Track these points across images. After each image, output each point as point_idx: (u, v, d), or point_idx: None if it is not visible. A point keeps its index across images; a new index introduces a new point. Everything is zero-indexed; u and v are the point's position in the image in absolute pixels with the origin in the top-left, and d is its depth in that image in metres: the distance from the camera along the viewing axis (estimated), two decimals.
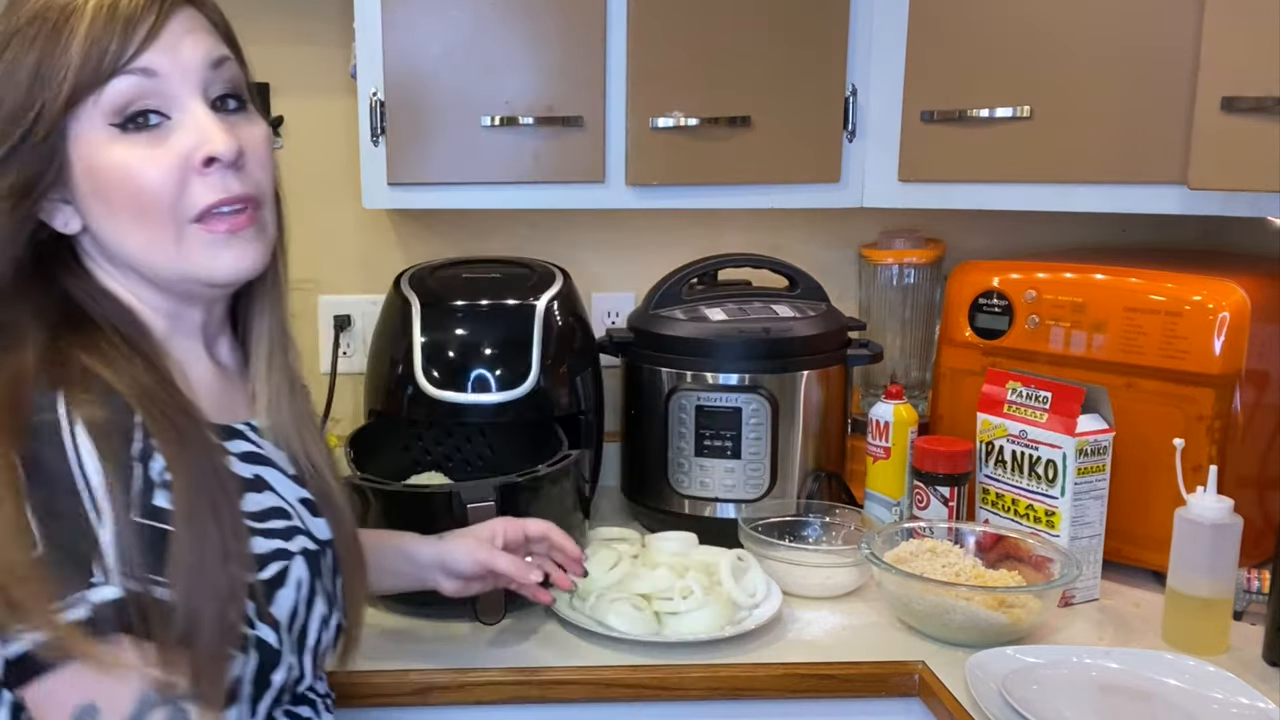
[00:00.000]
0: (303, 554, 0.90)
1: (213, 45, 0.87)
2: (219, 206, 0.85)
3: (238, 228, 0.86)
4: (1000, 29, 1.46)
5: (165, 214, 0.84)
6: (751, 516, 1.51)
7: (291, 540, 0.90)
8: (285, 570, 0.88)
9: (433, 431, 1.61)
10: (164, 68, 0.83)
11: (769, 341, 1.54)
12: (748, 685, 1.25)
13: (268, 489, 0.91)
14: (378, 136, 1.53)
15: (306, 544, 0.92)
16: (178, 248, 0.85)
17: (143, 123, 0.83)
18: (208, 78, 0.86)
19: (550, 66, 1.53)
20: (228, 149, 0.84)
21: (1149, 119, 1.36)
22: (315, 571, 0.91)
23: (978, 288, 1.57)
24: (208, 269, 0.87)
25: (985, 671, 1.18)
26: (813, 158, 1.58)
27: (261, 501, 0.90)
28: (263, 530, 0.88)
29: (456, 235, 1.87)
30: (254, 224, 0.87)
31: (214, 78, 0.86)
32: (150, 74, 0.83)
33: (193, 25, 0.86)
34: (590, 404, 1.61)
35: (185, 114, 0.84)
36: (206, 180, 0.84)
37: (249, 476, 0.89)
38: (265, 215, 0.89)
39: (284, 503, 0.92)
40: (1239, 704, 1.13)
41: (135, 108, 0.83)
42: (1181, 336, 1.37)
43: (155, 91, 0.83)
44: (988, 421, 1.46)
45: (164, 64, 0.83)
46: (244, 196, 0.86)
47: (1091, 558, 1.40)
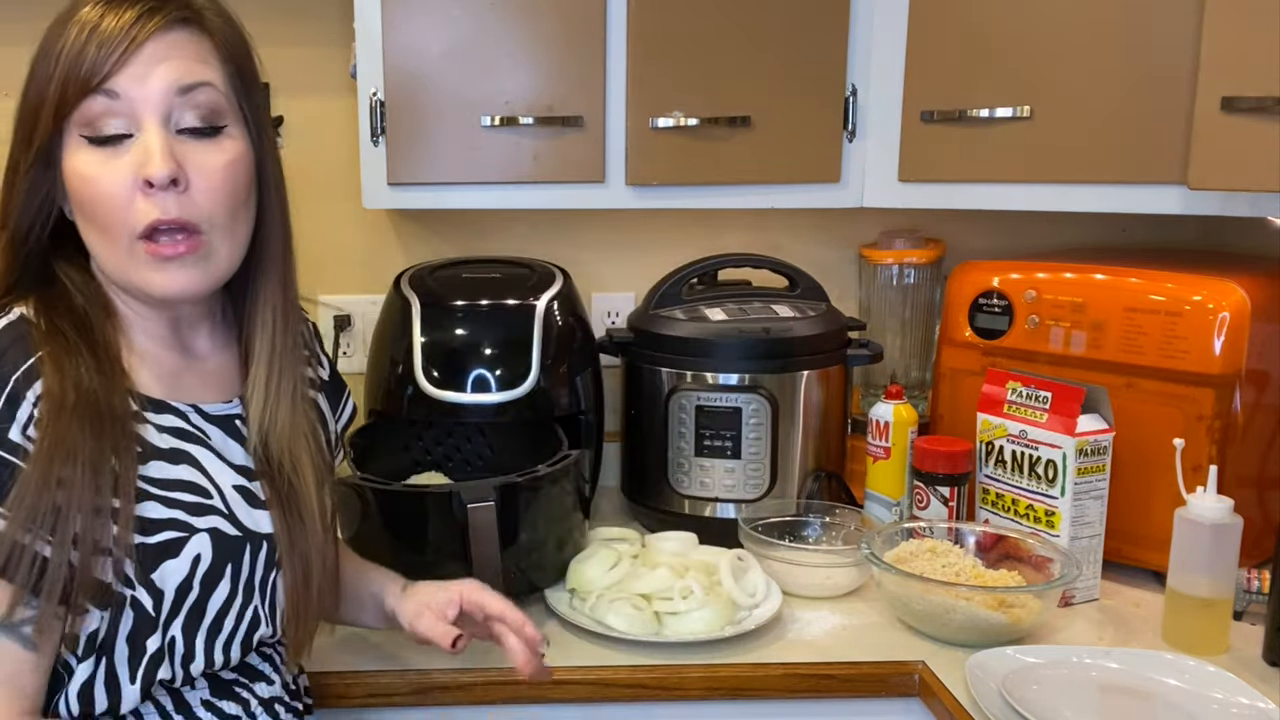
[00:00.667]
0: (211, 534, 0.93)
1: (188, 71, 0.90)
2: (158, 226, 0.90)
3: (176, 254, 0.91)
4: (1000, 29, 1.46)
5: (117, 226, 0.90)
6: (751, 516, 1.51)
7: (199, 516, 0.93)
8: (179, 542, 0.91)
9: (433, 431, 1.61)
10: (129, 91, 0.89)
11: (769, 341, 1.54)
12: (748, 685, 1.25)
13: (187, 463, 0.94)
14: (378, 136, 1.54)
15: (221, 526, 0.94)
16: (126, 259, 0.92)
17: (108, 137, 0.90)
18: (173, 103, 0.90)
19: (550, 66, 1.53)
20: (160, 174, 0.88)
21: (1149, 119, 1.36)
22: (227, 557, 0.94)
23: (978, 288, 1.57)
24: (145, 285, 0.93)
25: (985, 671, 1.18)
26: (813, 158, 1.58)
27: (173, 472, 0.93)
28: (161, 497, 0.92)
29: (456, 235, 1.87)
30: (194, 251, 0.91)
31: (181, 103, 0.90)
32: (114, 96, 0.89)
33: (172, 51, 0.90)
34: (590, 404, 1.61)
35: (143, 134, 0.90)
36: (149, 199, 0.90)
37: (165, 448, 0.94)
38: (213, 240, 0.93)
39: (207, 482, 0.95)
40: (1239, 704, 1.13)
41: (101, 123, 0.90)
42: (1181, 336, 1.37)
43: (121, 111, 0.89)
44: (988, 421, 1.46)
45: (129, 88, 0.89)
46: (180, 222, 0.90)
47: (1091, 558, 1.40)
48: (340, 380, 1.20)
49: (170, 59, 0.90)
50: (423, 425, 1.60)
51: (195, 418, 0.98)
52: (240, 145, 0.94)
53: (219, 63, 0.93)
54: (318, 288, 1.85)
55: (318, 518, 1.01)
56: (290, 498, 0.99)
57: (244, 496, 0.97)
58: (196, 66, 0.91)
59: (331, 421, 1.15)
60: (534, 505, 1.33)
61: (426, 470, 1.60)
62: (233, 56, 0.94)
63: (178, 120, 0.90)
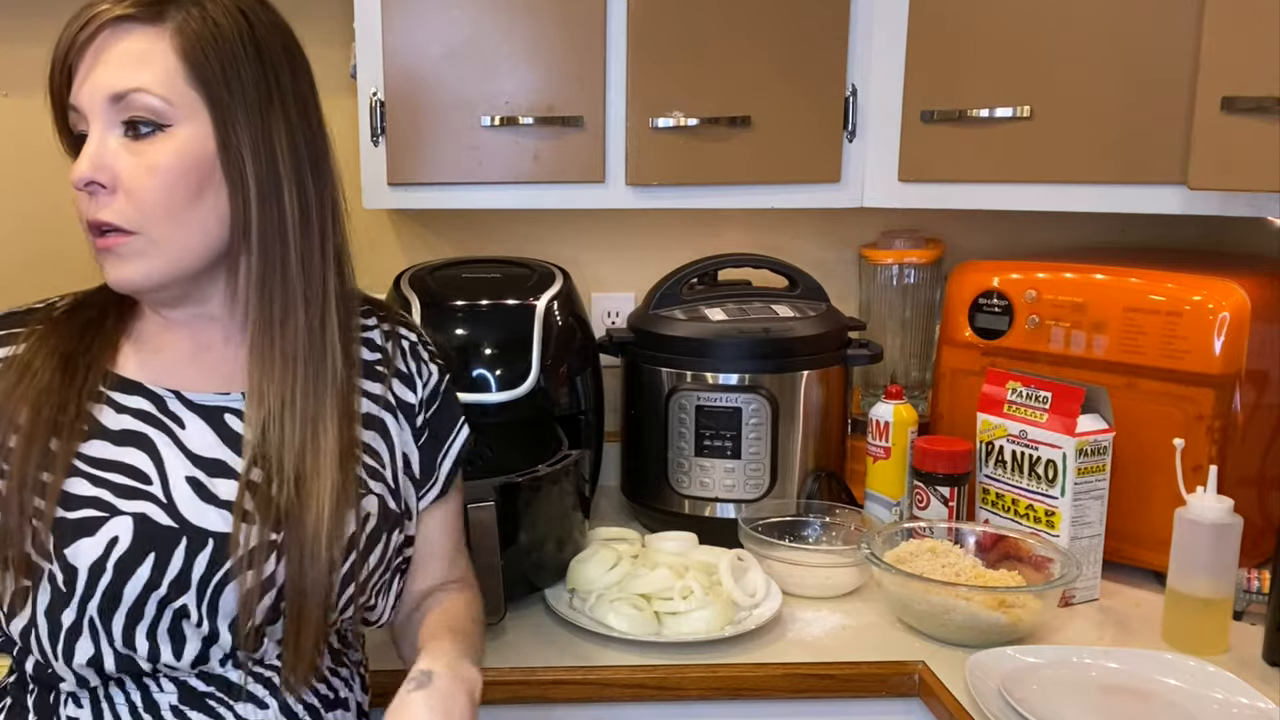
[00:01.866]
0: (135, 518, 0.91)
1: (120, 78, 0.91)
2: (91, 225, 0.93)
3: (106, 246, 0.94)
4: (1000, 29, 1.46)
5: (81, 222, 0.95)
6: (751, 516, 1.51)
7: (127, 500, 0.92)
8: (96, 521, 0.91)
9: None
10: (79, 100, 0.93)
11: (769, 341, 1.54)
12: (748, 685, 1.25)
13: (133, 446, 0.95)
14: (378, 136, 1.54)
15: (151, 513, 0.92)
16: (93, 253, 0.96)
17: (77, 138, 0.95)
18: (107, 108, 0.92)
19: (550, 66, 1.53)
20: (76, 178, 0.92)
21: (1149, 119, 1.36)
22: (151, 545, 0.91)
23: (978, 288, 1.57)
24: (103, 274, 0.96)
25: (985, 671, 1.18)
26: (813, 158, 1.58)
27: (114, 453, 0.94)
28: (90, 475, 0.92)
29: (456, 235, 1.87)
30: (123, 244, 0.93)
31: (117, 109, 0.92)
32: (75, 108, 0.94)
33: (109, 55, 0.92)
34: (590, 404, 1.61)
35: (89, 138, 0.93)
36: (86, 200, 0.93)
37: (115, 429, 0.95)
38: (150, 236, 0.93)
39: (153, 468, 0.94)
40: (1239, 704, 1.13)
41: (76, 128, 0.95)
42: (1181, 336, 1.38)
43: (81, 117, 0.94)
44: (988, 421, 1.46)
45: (81, 98, 0.93)
46: (104, 224, 0.92)
47: (1091, 558, 1.40)
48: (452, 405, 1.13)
49: (106, 64, 0.91)
50: None
51: (172, 403, 0.97)
52: (183, 144, 0.91)
53: (170, 58, 0.91)
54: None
55: (324, 541, 0.93)
56: (288, 511, 0.93)
57: (195, 490, 0.94)
58: (131, 70, 0.91)
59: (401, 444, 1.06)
60: (534, 505, 1.33)
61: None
62: (194, 48, 0.91)
63: (118, 123, 0.92)
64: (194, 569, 0.92)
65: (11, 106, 1.78)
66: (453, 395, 1.15)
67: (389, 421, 1.06)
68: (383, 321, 1.10)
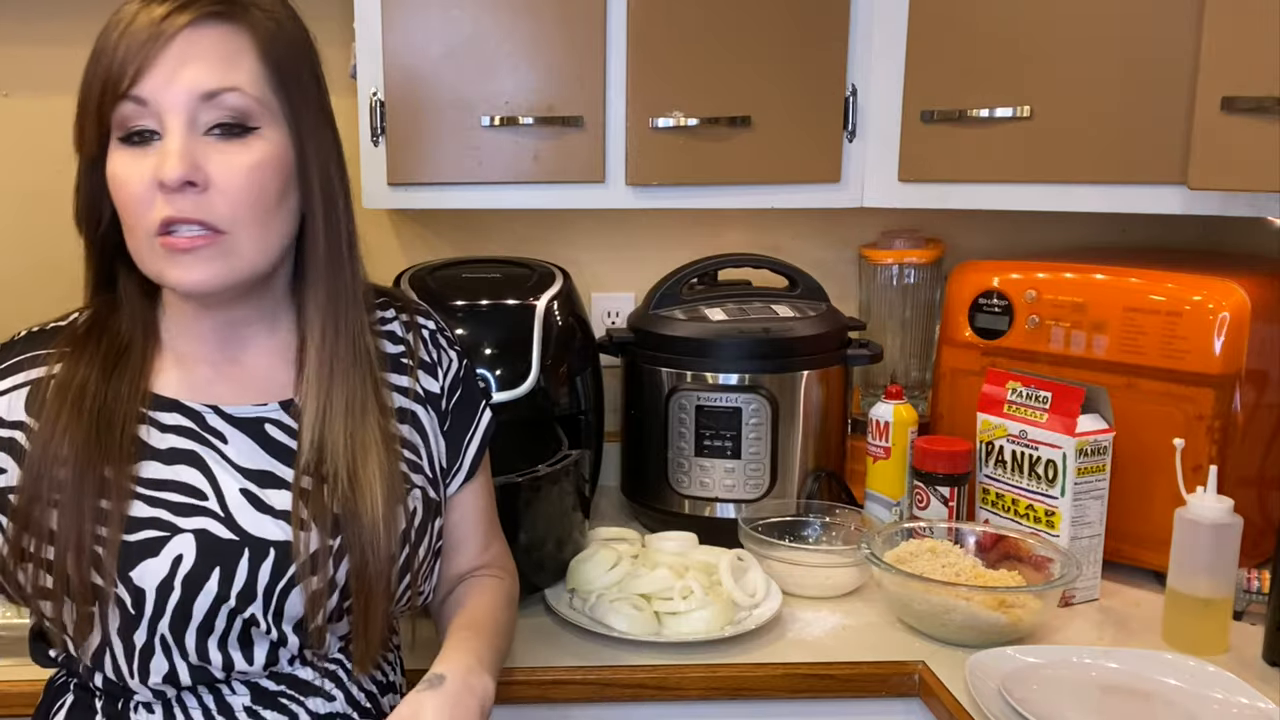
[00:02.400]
0: (197, 535, 0.92)
1: (213, 76, 0.89)
2: (172, 224, 0.90)
3: (187, 247, 0.90)
4: (1000, 29, 1.46)
5: (140, 223, 0.91)
6: (751, 516, 1.51)
7: (186, 517, 0.92)
8: (159, 541, 0.91)
9: None
10: (154, 96, 0.89)
11: (769, 341, 1.54)
12: (748, 685, 1.25)
13: (184, 464, 0.94)
14: (378, 136, 1.54)
15: (211, 528, 0.92)
16: (150, 255, 0.92)
17: (137, 139, 0.90)
18: (198, 106, 0.89)
19: (550, 66, 1.53)
20: (172, 177, 0.88)
21: (1149, 119, 1.36)
22: (215, 559, 0.92)
23: (978, 288, 1.57)
24: (162, 275, 0.93)
25: (985, 671, 1.18)
26: (813, 158, 1.58)
27: (166, 472, 0.93)
28: (146, 497, 0.92)
29: (456, 235, 1.87)
30: (211, 245, 0.91)
31: (206, 107, 0.90)
32: (140, 101, 0.89)
33: (199, 52, 0.89)
34: (590, 404, 1.61)
35: (167, 135, 0.89)
36: (166, 199, 0.89)
37: (162, 448, 0.94)
38: (237, 238, 0.91)
39: (206, 483, 0.94)
40: (1239, 704, 1.13)
41: (132, 125, 0.90)
42: (1181, 336, 1.38)
43: (148, 114, 0.89)
44: (988, 421, 1.46)
45: (155, 92, 0.89)
46: (195, 220, 0.90)
47: (1091, 558, 1.40)
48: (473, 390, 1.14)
49: (196, 60, 0.89)
50: None
51: (212, 418, 0.97)
52: (272, 146, 0.92)
53: (254, 60, 0.91)
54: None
55: (382, 534, 0.95)
56: (348, 503, 0.95)
57: (250, 501, 0.95)
58: (222, 69, 0.89)
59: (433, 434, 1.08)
60: (534, 505, 1.33)
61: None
62: (272, 52, 0.92)
63: (204, 122, 0.90)
64: (259, 579, 0.93)
65: (11, 106, 1.78)
66: (474, 380, 1.16)
67: (420, 414, 1.07)
68: (401, 312, 1.11)
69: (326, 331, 0.98)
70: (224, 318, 0.99)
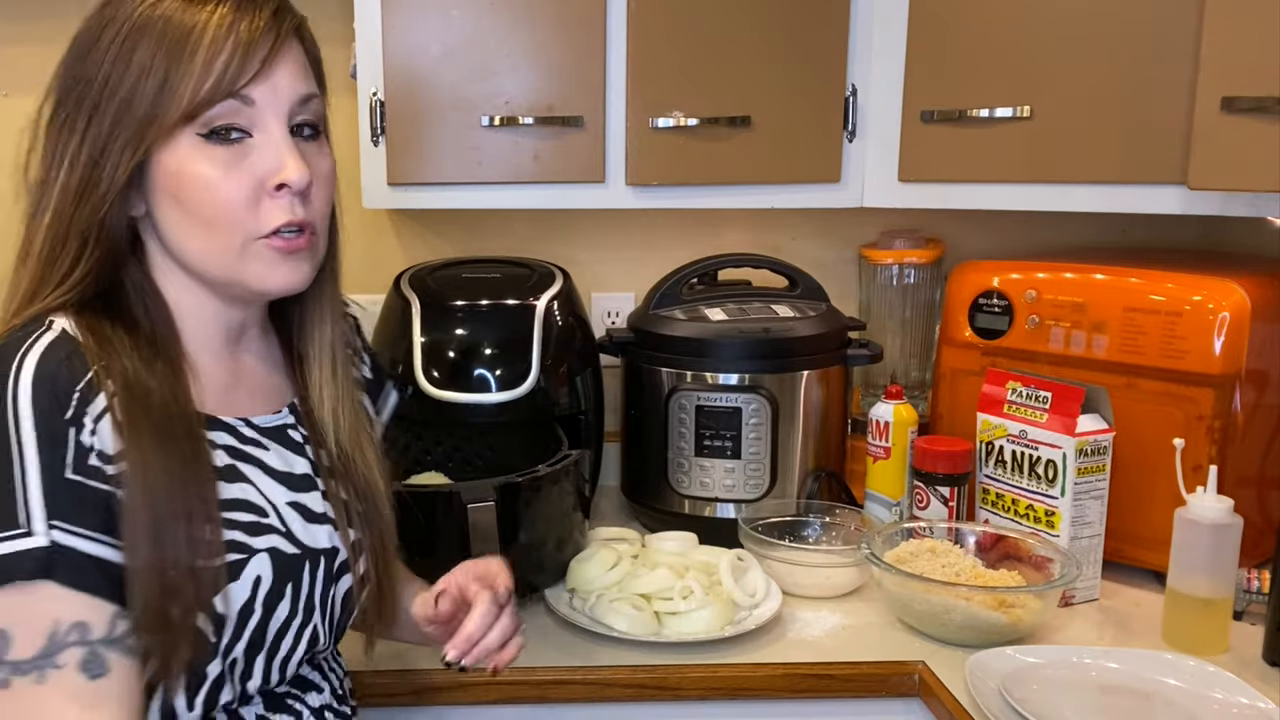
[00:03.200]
0: (270, 553, 0.91)
1: (306, 83, 0.93)
2: (284, 229, 0.90)
3: (296, 249, 0.91)
4: (1000, 29, 1.46)
5: (234, 227, 0.89)
6: (751, 516, 1.51)
7: (258, 536, 0.91)
8: (239, 565, 0.89)
9: (433, 431, 1.61)
10: (262, 98, 0.89)
11: (769, 341, 1.54)
12: (748, 685, 1.25)
13: (242, 481, 0.93)
14: (378, 136, 1.54)
15: (280, 545, 0.92)
16: (239, 259, 0.90)
17: (225, 136, 0.88)
18: (294, 110, 0.92)
19: (550, 66, 1.53)
20: (299, 179, 0.89)
21: (1149, 119, 1.36)
22: (288, 576, 0.92)
23: (978, 288, 1.57)
24: (261, 280, 0.92)
25: (985, 671, 1.18)
26: (813, 158, 1.58)
27: (230, 491, 0.92)
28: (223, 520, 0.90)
29: (456, 235, 1.87)
30: (309, 247, 0.93)
31: (300, 110, 0.92)
32: (249, 101, 0.88)
33: (295, 60, 0.92)
34: (590, 404, 1.61)
35: (266, 136, 0.89)
36: (277, 203, 0.90)
37: (221, 465, 0.92)
38: (319, 240, 0.95)
39: (263, 500, 0.93)
40: (1239, 704, 1.13)
41: (220, 122, 0.88)
42: (1181, 336, 1.37)
43: (249, 114, 0.89)
44: (988, 421, 1.46)
45: (263, 94, 0.89)
46: (305, 223, 0.91)
47: (1091, 558, 1.40)
48: (382, 373, 1.19)
49: (293, 67, 0.91)
50: (423, 425, 1.60)
51: (247, 431, 0.96)
52: (332, 153, 0.98)
53: (314, 73, 0.96)
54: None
55: (390, 520, 1.04)
56: (366, 492, 1.01)
57: (299, 513, 0.95)
58: (309, 77, 0.94)
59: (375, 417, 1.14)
60: (534, 505, 1.33)
61: (427, 470, 1.60)
62: (317, 66, 0.97)
63: (293, 125, 0.92)
64: (316, 590, 0.95)
65: (12, 106, 1.78)
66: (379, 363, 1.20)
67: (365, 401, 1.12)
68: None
69: (332, 334, 1.02)
70: (235, 322, 0.98)
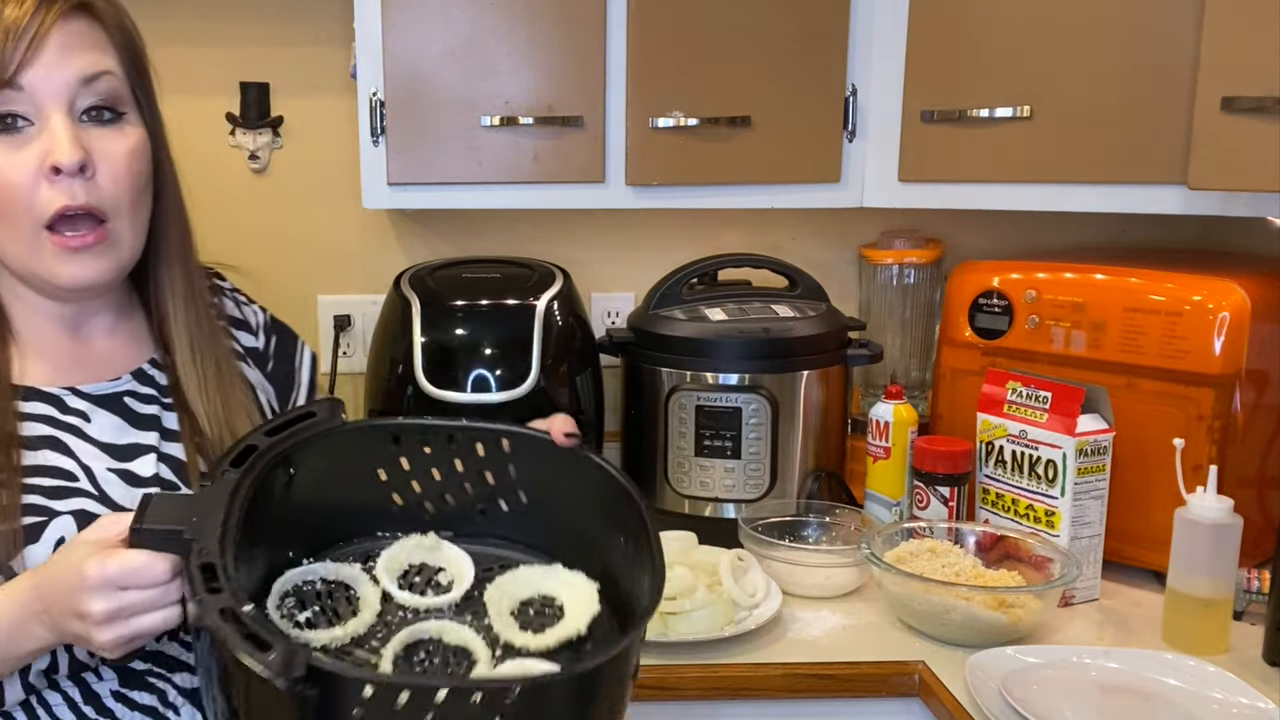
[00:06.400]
0: (75, 515, 0.91)
1: (90, 61, 0.91)
2: (65, 213, 0.90)
3: (84, 245, 0.91)
4: (1000, 29, 1.46)
5: (21, 214, 0.90)
6: (751, 516, 1.51)
7: (61, 500, 0.92)
8: (38, 526, 0.90)
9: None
10: (34, 83, 0.89)
11: (769, 341, 1.54)
12: (748, 685, 1.25)
13: (50, 448, 0.94)
14: (378, 136, 1.54)
15: (89, 507, 0.93)
16: (30, 250, 0.92)
17: (10, 124, 0.90)
18: (77, 92, 0.91)
19: (550, 66, 1.53)
20: (70, 160, 0.88)
21: (1149, 119, 1.36)
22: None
23: (978, 288, 1.57)
24: (51, 275, 0.93)
25: (985, 671, 1.18)
26: (813, 158, 1.58)
27: (32, 458, 0.93)
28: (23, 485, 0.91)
29: (456, 235, 1.87)
30: (102, 240, 0.92)
31: (85, 91, 0.91)
32: (19, 88, 0.89)
33: (75, 40, 0.91)
34: (590, 404, 1.61)
35: (46, 122, 0.90)
36: (55, 187, 0.90)
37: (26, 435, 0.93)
38: (118, 227, 0.94)
39: (75, 465, 0.94)
40: (1239, 704, 1.13)
41: (3, 110, 0.89)
42: (1181, 336, 1.37)
43: (24, 100, 0.89)
44: (988, 421, 1.46)
45: (35, 79, 0.89)
46: (88, 208, 0.91)
47: (1091, 558, 1.40)
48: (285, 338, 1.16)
49: (72, 48, 0.90)
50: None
51: (72, 400, 0.97)
52: (139, 131, 0.95)
53: (115, 50, 0.94)
54: (318, 288, 1.85)
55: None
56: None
57: (121, 478, 0.95)
58: (96, 55, 0.92)
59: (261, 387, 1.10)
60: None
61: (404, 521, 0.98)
62: (126, 44, 0.95)
63: (80, 108, 0.91)
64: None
65: None
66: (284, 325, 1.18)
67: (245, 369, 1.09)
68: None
69: (189, 307, 1.02)
70: (69, 311, 0.99)
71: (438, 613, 0.85)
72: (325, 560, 0.89)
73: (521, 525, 0.94)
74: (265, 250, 1.74)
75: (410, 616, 0.85)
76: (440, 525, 0.93)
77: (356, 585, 0.87)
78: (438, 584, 0.89)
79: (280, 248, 1.82)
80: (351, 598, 0.86)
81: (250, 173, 1.82)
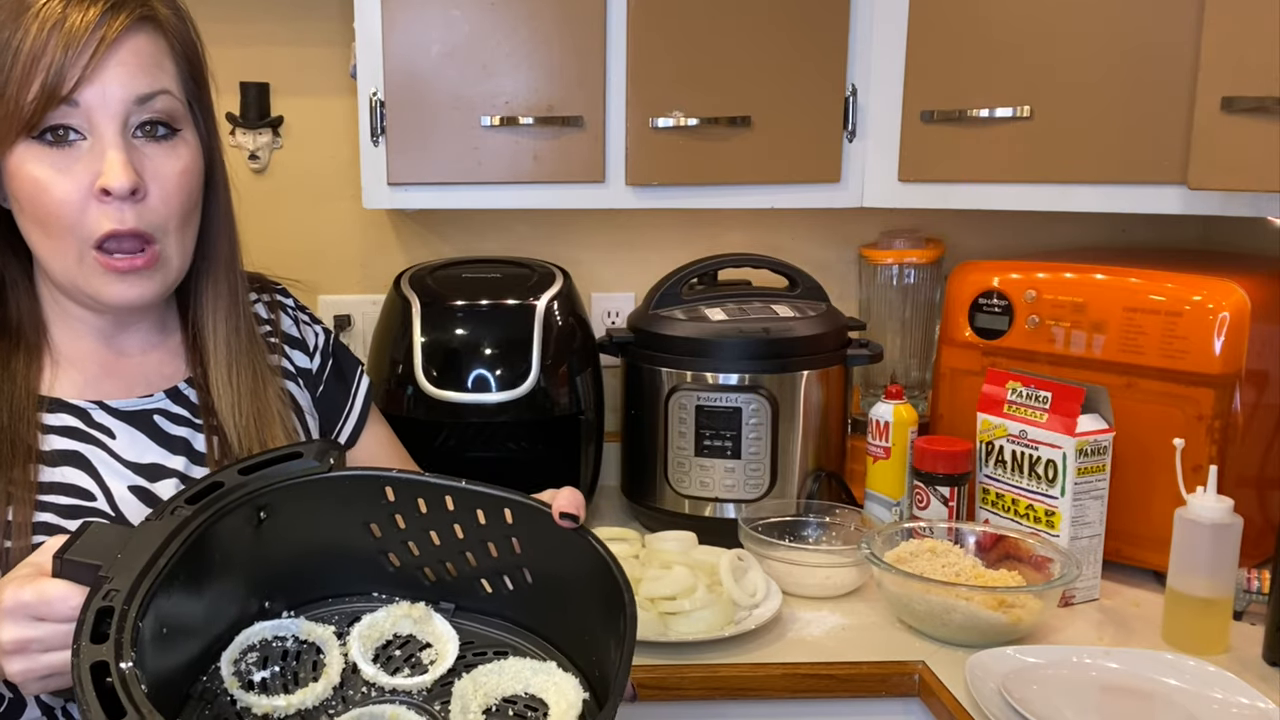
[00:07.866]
0: None
1: (149, 81, 0.89)
2: (114, 236, 0.88)
3: (134, 268, 0.90)
4: (1000, 29, 1.46)
5: (68, 232, 0.88)
6: (751, 516, 1.51)
7: (75, 519, 0.90)
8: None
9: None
10: (90, 100, 0.87)
11: (769, 341, 1.54)
12: (748, 685, 1.25)
13: (72, 465, 0.92)
14: (378, 136, 1.54)
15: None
16: (77, 266, 0.90)
17: (60, 136, 0.88)
18: (131, 110, 0.88)
19: (550, 66, 1.53)
20: (120, 184, 0.86)
21: (1149, 119, 1.36)
22: None
23: (978, 288, 1.57)
24: (97, 294, 0.92)
25: (985, 671, 1.18)
26: (813, 158, 1.58)
27: (51, 475, 0.91)
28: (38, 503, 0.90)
29: (456, 235, 1.87)
30: (150, 264, 0.91)
31: (140, 110, 0.89)
32: (74, 104, 0.87)
33: (136, 57, 0.88)
34: (590, 404, 1.61)
35: (99, 139, 0.88)
36: (104, 208, 0.88)
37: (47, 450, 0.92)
38: (167, 249, 0.92)
39: (93, 484, 0.92)
40: (1239, 704, 1.13)
41: (52, 122, 0.87)
42: (1181, 336, 1.37)
43: (78, 115, 0.87)
44: (988, 421, 1.46)
45: (92, 96, 0.87)
46: (137, 232, 0.89)
47: (1091, 558, 1.40)
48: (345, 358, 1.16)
49: (130, 65, 0.88)
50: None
51: (98, 415, 0.96)
52: (193, 148, 0.94)
53: (174, 64, 0.92)
54: (318, 288, 1.86)
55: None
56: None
57: (140, 498, 0.94)
58: (155, 73, 0.90)
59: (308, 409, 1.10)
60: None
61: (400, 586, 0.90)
62: (186, 55, 0.93)
63: (134, 124, 0.89)
64: None
65: None
66: (344, 349, 1.18)
67: (293, 389, 1.08)
68: (262, 293, 1.11)
69: (230, 318, 1.00)
70: (107, 323, 0.98)
71: (405, 695, 0.78)
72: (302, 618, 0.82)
73: (527, 608, 0.86)
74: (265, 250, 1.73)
75: (372, 694, 0.77)
76: (442, 595, 0.86)
77: (326, 650, 0.80)
78: (417, 661, 0.81)
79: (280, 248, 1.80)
80: (319, 663, 0.79)
81: (250, 173, 1.82)
